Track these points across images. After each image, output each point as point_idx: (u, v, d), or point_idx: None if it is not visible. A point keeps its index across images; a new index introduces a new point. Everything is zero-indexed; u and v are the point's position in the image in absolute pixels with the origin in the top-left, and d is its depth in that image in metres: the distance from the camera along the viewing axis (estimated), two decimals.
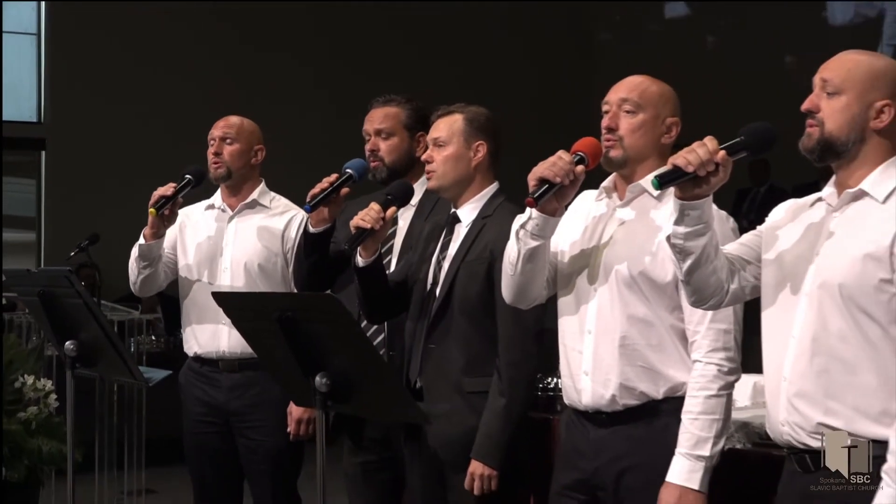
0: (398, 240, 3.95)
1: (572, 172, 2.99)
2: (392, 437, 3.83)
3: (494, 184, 3.66)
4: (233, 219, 4.46)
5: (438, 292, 3.57)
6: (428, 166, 3.63)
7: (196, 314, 4.42)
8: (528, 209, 3.04)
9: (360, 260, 3.59)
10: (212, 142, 4.44)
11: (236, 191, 4.48)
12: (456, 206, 3.65)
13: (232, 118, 4.48)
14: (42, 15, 11.82)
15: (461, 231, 3.62)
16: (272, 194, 4.52)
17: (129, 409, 6.94)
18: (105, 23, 11.65)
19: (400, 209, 3.68)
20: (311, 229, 3.86)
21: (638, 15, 13.50)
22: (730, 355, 3.02)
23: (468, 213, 3.62)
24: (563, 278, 3.21)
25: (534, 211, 3.03)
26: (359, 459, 3.99)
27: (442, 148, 3.61)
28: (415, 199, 3.86)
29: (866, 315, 2.56)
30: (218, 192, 4.54)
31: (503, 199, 3.63)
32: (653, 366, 3.07)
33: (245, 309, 3.28)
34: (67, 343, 3.90)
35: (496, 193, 3.65)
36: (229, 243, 4.43)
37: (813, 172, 2.86)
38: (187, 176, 4.31)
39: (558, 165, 2.97)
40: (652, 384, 3.07)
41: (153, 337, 8.57)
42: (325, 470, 3.07)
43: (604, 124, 3.14)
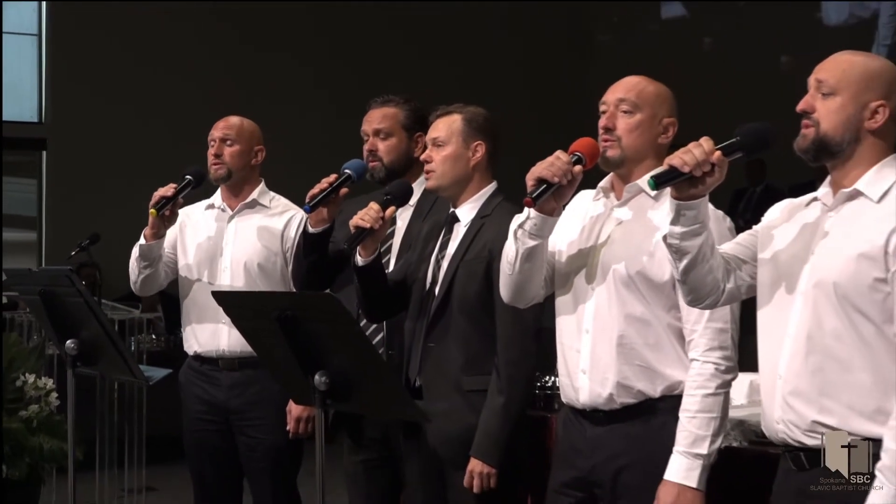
0: (396, 239, 3.95)
1: (570, 172, 2.99)
2: (390, 436, 3.83)
3: (493, 183, 3.67)
4: (233, 218, 4.46)
5: (437, 291, 3.58)
6: (427, 166, 3.63)
7: (196, 313, 4.42)
8: (526, 209, 3.04)
9: (360, 259, 3.60)
10: (212, 143, 4.43)
11: (236, 191, 4.48)
12: (455, 206, 3.65)
13: (232, 119, 4.47)
14: (43, 15, 11.83)
15: (460, 230, 3.62)
16: (272, 194, 4.52)
17: (130, 408, 6.95)
18: (105, 23, 11.65)
19: (399, 209, 3.69)
20: (311, 229, 3.86)
21: (635, 16, 13.52)
22: (727, 354, 3.03)
23: (467, 213, 3.63)
24: (561, 278, 3.21)
25: (532, 211, 3.03)
26: (359, 458, 3.99)
27: (441, 148, 3.61)
28: (413, 199, 3.86)
29: (861, 314, 2.56)
30: (218, 192, 4.54)
31: (501, 199, 3.63)
32: (650, 364, 3.08)
33: (245, 308, 3.29)
34: (68, 342, 3.90)
35: (494, 193, 3.65)
36: (229, 243, 4.43)
37: (809, 172, 2.86)
38: (187, 177, 4.31)
39: (556, 165, 2.98)
40: (649, 383, 3.08)
41: (153, 336, 8.57)
42: (325, 467, 3.07)
43: (601, 124, 3.14)
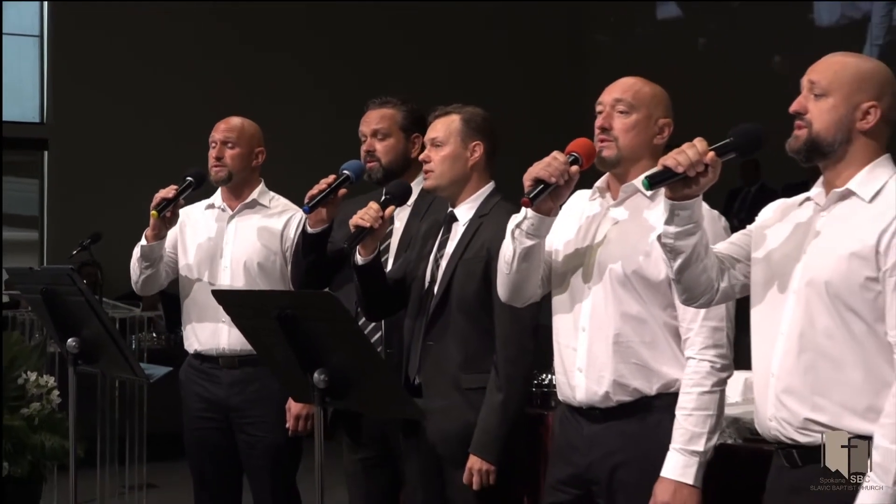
0: (394, 239, 3.95)
1: (567, 173, 3.01)
2: (389, 434, 3.84)
3: (491, 183, 3.68)
4: (233, 218, 4.46)
5: (436, 290, 3.59)
6: (426, 166, 3.64)
7: (196, 313, 4.42)
8: (524, 209, 3.05)
9: (360, 258, 3.61)
10: (213, 144, 4.42)
11: (237, 191, 4.47)
12: (453, 206, 3.66)
13: (233, 120, 4.46)
14: (44, 17, 11.84)
15: (458, 229, 3.63)
16: (271, 194, 4.51)
17: (131, 405, 6.95)
18: (106, 24, 11.67)
19: (397, 209, 3.70)
20: (310, 230, 3.87)
21: (631, 16, 13.54)
22: (722, 352, 3.04)
23: (465, 212, 3.64)
24: (558, 277, 3.22)
25: (529, 210, 3.04)
26: (358, 456, 4.00)
27: (439, 148, 3.62)
28: (411, 200, 3.87)
29: (852, 312, 2.58)
30: (218, 192, 4.54)
31: (499, 198, 3.64)
32: (646, 363, 3.09)
33: (245, 307, 3.29)
34: (70, 340, 3.89)
35: (492, 192, 3.66)
36: (229, 243, 4.43)
37: (803, 172, 2.87)
38: (188, 178, 4.30)
39: (553, 166, 2.99)
40: (645, 381, 3.09)
41: (154, 334, 8.58)
42: (324, 465, 3.08)
43: (597, 124, 3.15)
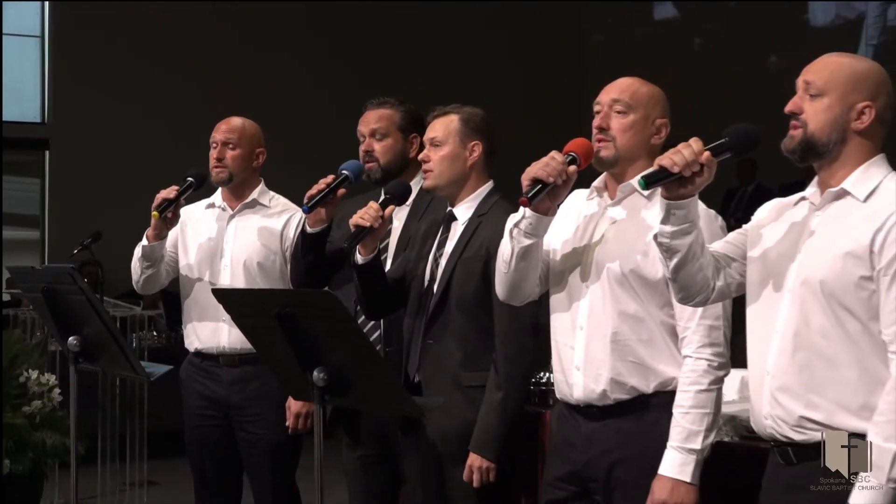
0: (393, 238, 3.96)
1: (565, 172, 3.02)
2: (387, 433, 3.85)
3: (489, 183, 3.69)
4: (233, 218, 4.46)
5: (436, 289, 3.60)
6: (425, 165, 3.65)
7: (197, 312, 4.43)
8: (522, 208, 3.06)
9: (360, 258, 3.62)
10: (214, 144, 4.42)
11: (237, 191, 4.48)
12: (452, 205, 3.67)
13: (234, 120, 4.45)
14: (45, 17, 11.86)
15: (458, 229, 3.64)
16: (271, 193, 4.52)
17: (131, 403, 6.97)
18: (106, 24, 11.68)
19: (396, 208, 3.71)
20: (309, 229, 3.88)
21: (628, 17, 13.55)
22: (719, 351, 3.05)
23: (464, 212, 3.65)
24: (556, 276, 3.23)
25: (527, 210, 3.05)
26: (357, 454, 4.01)
27: (438, 148, 3.63)
28: (409, 199, 3.87)
29: (847, 311, 2.59)
30: (218, 192, 4.54)
31: (498, 198, 3.65)
32: (643, 361, 3.10)
33: (245, 305, 3.30)
34: (71, 338, 3.91)
35: (491, 192, 3.67)
36: (229, 242, 4.43)
37: (799, 172, 2.89)
38: (189, 179, 4.31)
39: (551, 166, 3.00)
40: (642, 379, 3.10)
41: (154, 332, 8.59)
42: (323, 463, 3.09)
43: (595, 124, 3.16)
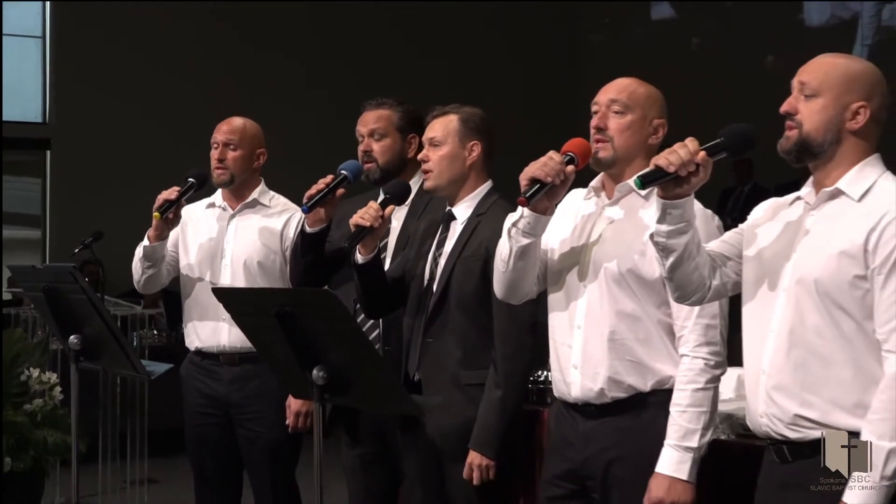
0: (392, 238, 3.97)
1: (563, 172, 3.03)
2: (386, 431, 3.86)
3: (488, 182, 3.70)
4: (233, 218, 4.47)
5: (435, 288, 3.61)
6: (424, 166, 3.66)
7: (198, 312, 4.43)
8: (520, 208, 3.08)
9: (360, 257, 3.63)
10: (215, 145, 4.42)
11: (238, 191, 4.48)
12: (451, 205, 3.68)
13: (235, 121, 4.45)
14: (46, 17, 11.87)
15: (457, 228, 3.65)
16: (271, 193, 4.52)
17: (132, 402, 6.97)
18: (107, 24, 11.68)
19: (395, 208, 3.72)
20: (308, 229, 3.88)
21: (626, 17, 13.56)
22: (716, 349, 3.07)
23: (463, 211, 3.66)
24: (553, 275, 3.24)
25: (525, 209, 3.07)
26: (356, 452, 4.02)
27: (437, 148, 3.64)
28: (408, 199, 3.88)
29: (841, 310, 2.61)
30: (219, 191, 4.54)
31: (497, 197, 3.66)
32: (640, 359, 3.11)
33: (245, 304, 3.31)
34: (72, 337, 3.92)
35: (490, 192, 3.68)
36: (230, 242, 4.44)
37: (795, 172, 2.91)
38: (190, 179, 4.32)
39: (549, 166, 3.02)
40: (640, 377, 3.12)
41: (155, 331, 8.58)
42: (322, 461, 3.10)
43: (593, 124, 3.18)
